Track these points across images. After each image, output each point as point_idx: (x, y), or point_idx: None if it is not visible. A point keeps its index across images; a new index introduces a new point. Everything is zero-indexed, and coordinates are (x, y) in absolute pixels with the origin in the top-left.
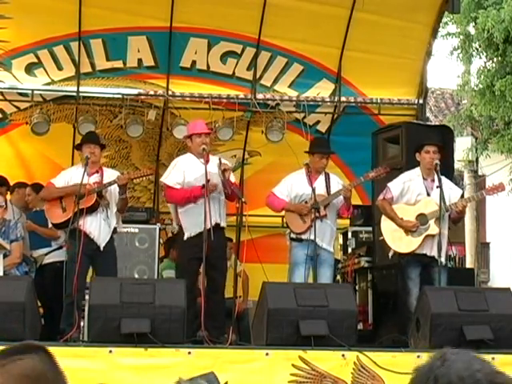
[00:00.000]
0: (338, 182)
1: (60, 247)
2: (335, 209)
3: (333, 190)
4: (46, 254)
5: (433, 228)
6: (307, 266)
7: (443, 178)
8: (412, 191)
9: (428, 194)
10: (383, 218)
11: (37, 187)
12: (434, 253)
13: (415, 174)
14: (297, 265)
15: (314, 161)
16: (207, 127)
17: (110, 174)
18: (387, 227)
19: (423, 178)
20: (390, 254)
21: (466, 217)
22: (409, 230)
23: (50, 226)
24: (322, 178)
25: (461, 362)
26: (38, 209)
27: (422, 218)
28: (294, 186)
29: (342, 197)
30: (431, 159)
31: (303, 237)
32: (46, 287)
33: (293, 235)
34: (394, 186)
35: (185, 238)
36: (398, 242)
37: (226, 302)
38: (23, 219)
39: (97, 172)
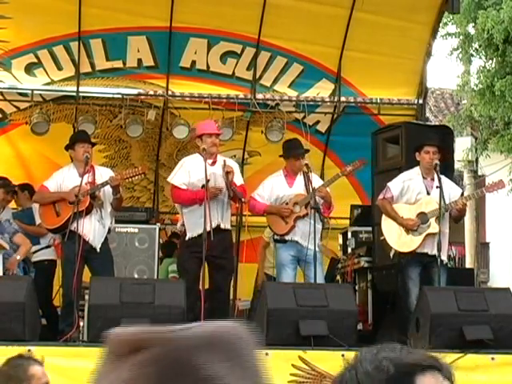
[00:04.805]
0: (317, 180)
1: (48, 246)
2: None
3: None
4: (34, 253)
5: (434, 226)
6: (293, 266)
7: (443, 177)
8: (412, 190)
9: (428, 193)
10: (384, 217)
11: (24, 187)
12: (436, 252)
13: (415, 173)
14: (283, 266)
15: (291, 163)
16: (218, 128)
17: (103, 173)
18: (388, 227)
19: (423, 177)
20: (392, 254)
21: (465, 217)
22: (410, 229)
23: (37, 223)
24: (300, 177)
25: (369, 356)
26: (22, 208)
27: (423, 217)
28: (274, 188)
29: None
30: (431, 159)
31: (287, 238)
32: (34, 285)
33: (276, 237)
34: (394, 185)
35: (186, 238)
36: (399, 241)
37: (229, 302)
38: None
39: (88, 172)
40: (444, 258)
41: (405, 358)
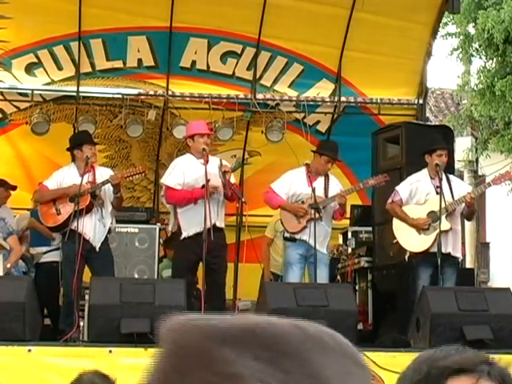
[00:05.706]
0: (337, 185)
1: (58, 248)
2: (331, 211)
3: (331, 192)
4: (45, 253)
5: (445, 224)
6: (301, 265)
7: (452, 176)
8: (421, 192)
9: (437, 193)
10: (395, 221)
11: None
12: (449, 249)
13: (423, 174)
14: (290, 265)
15: (319, 163)
16: (208, 128)
17: (103, 173)
18: (399, 230)
19: (431, 178)
20: (407, 257)
21: None
22: (421, 228)
23: None
24: (321, 179)
25: (418, 358)
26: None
27: (433, 215)
28: (293, 184)
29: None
30: (443, 162)
31: (297, 237)
32: (40, 286)
33: (286, 235)
34: (402, 189)
35: (182, 237)
36: (412, 242)
37: (226, 301)
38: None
39: (89, 171)
40: (459, 255)
41: (442, 360)
